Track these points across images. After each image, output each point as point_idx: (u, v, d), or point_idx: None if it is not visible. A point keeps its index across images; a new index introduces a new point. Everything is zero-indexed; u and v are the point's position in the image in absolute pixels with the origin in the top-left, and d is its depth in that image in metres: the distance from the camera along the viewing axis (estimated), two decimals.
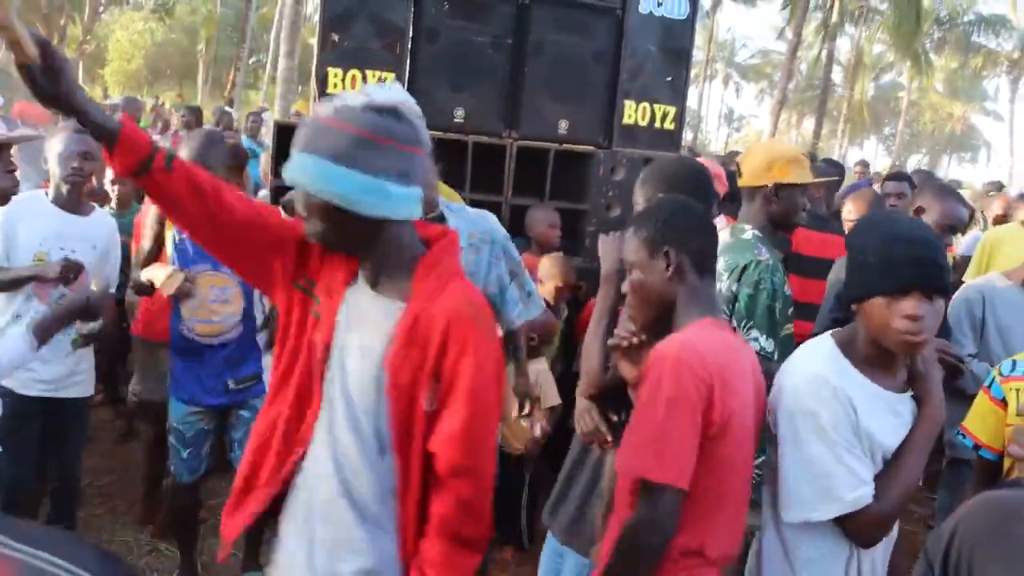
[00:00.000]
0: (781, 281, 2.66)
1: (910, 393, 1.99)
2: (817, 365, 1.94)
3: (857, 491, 1.85)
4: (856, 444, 1.88)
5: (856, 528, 1.89)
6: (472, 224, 3.01)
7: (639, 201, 2.54)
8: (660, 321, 2.00)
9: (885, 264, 1.84)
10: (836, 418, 1.86)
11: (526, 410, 3.16)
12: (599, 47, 4.53)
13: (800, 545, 1.98)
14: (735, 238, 2.77)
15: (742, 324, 2.61)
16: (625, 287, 2.06)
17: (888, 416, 1.93)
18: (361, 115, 1.57)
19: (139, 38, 36.48)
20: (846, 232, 4.22)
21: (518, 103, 4.42)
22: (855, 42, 34.26)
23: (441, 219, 2.96)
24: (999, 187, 9.95)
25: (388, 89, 1.63)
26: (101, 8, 33.05)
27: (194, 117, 9.65)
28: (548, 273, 3.94)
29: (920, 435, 1.94)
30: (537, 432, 3.21)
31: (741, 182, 2.89)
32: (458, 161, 4.27)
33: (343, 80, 4.13)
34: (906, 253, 1.84)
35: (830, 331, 2.05)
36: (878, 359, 1.93)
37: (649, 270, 1.98)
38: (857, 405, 1.88)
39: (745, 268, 2.63)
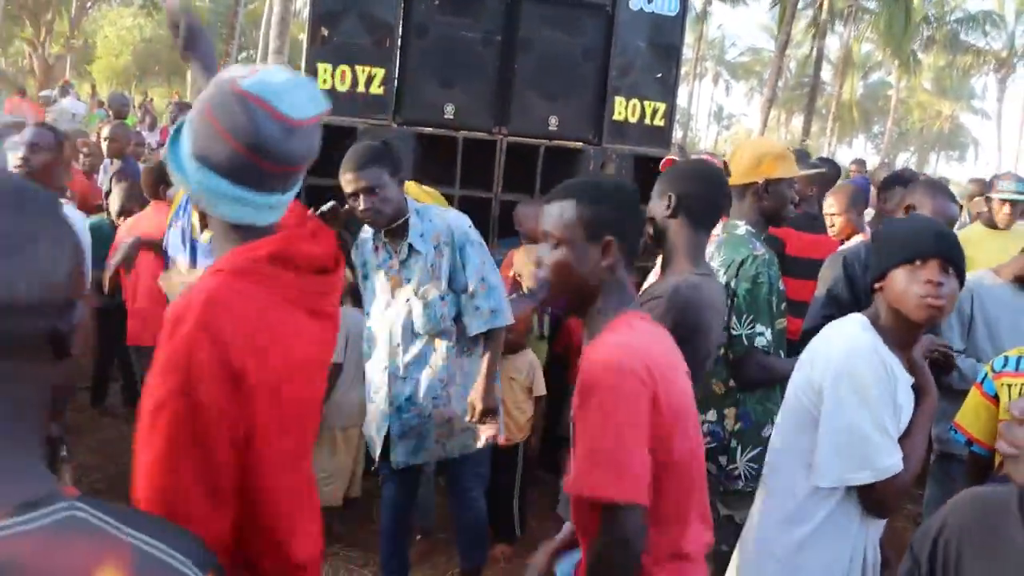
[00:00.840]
0: (776, 275, 2.69)
1: (911, 380, 2.08)
2: (860, 336, 2.02)
3: (892, 458, 1.95)
4: (893, 414, 1.98)
5: (880, 496, 1.98)
6: (435, 227, 3.05)
7: (654, 198, 2.52)
8: (575, 307, 1.84)
9: (910, 235, 2.00)
10: (882, 386, 1.95)
11: (475, 417, 3.13)
12: (589, 43, 4.53)
13: (810, 518, 2.03)
14: (729, 234, 2.79)
15: (742, 319, 2.62)
16: (541, 259, 1.83)
17: (908, 392, 2.04)
18: (229, 115, 1.37)
19: (127, 34, 36.32)
20: (827, 226, 4.26)
21: (508, 99, 4.41)
22: (844, 40, 34.37)
23: (406, 223, 3.00)
24: (983, 184, 9.99)
25: (281, 80, 1.40)
26: (89, 3, 32.88)
27: (184, 114, 9.62)
28: (521, 263, 3.97)
29: (925, 416, 2.07)
30: (481, 443, 3.21)
31: (731, 180, 2.91)
32: (448, 157, 4.26)
33: (333, 76, 4.11)
34: (929, 228, 2.01)
35: (859, 312, 2.12)
36: (899, 337, 2.02)
37: (581, 252, 1.77)
38: (895, 375, 1.98)
39: (742, 263, 2.65)
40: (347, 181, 2.92)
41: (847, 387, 1.96)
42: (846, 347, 2.01)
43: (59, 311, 0.86)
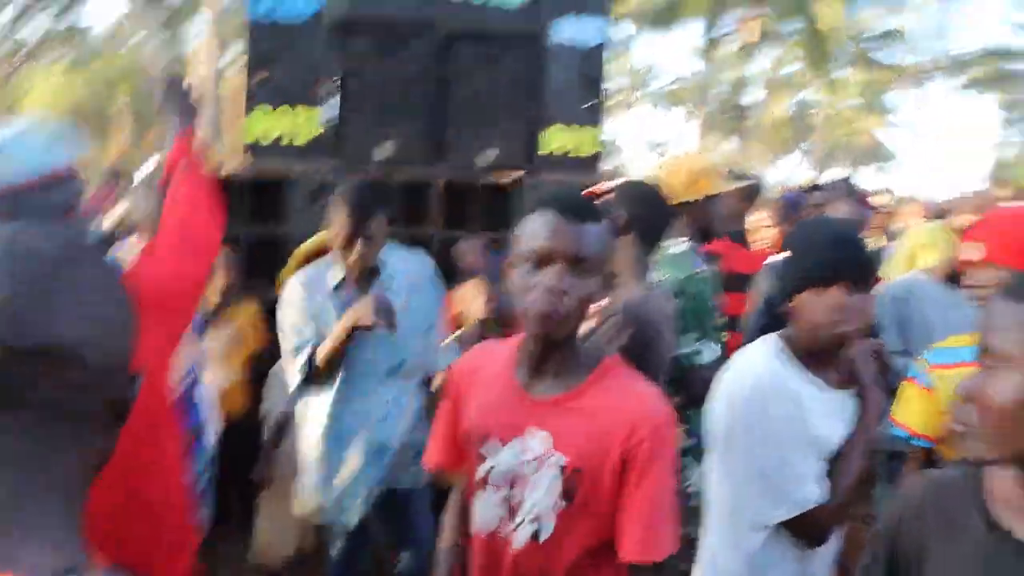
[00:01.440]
0: (717, 291, 2.72)
1: (851, 391, 1.97)
2: (761, 366, 1.93)
3: (803, 491, 1.84)
4: (802, 442, 1.87)
5: (805, 527, 1.87)
6: (406, 267, 2.98)
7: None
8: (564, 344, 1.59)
9: (811, 258, 1.91)
10: (782, 417, 1.85)
11: None
12: (519, 77, 4.59)
13: (745, 547, 1.96)
14: (669, 253, 2.81)
15: (687, 336, 2.63)
16: (560, 288, 1.46)
17: (832, 414, 1.93)
18: None
19: (59, 90, 35.68)
20: (758, 239, 4.35)
21: (443, 137, 4.44)
22: (771, 63, 35.22)
23: (378, 264, 2.90)
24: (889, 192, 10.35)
25: None
26: (17, 63, 32.26)
27: (115, 181, 9.56)
28: (466, 299, 3.88)
29: (862, 431, 1.93)
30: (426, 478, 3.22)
31: (672, 200, 2.94)
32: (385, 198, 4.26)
33: (268, 119, 4.10)
34: (830, 247, 1.91)
35: (775, 332, 2.03)
36: (816, 355, 1.93)
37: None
38: (804, 402, 1.88)
39: (684, 282, 2.67)
40: (348, 224, 2.78)
41: (747, 425, 1.88)
42: (744, 382, 1.93)
43: (131, 379, 0.86)
